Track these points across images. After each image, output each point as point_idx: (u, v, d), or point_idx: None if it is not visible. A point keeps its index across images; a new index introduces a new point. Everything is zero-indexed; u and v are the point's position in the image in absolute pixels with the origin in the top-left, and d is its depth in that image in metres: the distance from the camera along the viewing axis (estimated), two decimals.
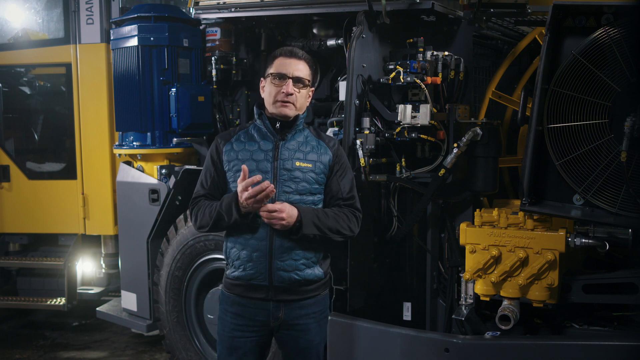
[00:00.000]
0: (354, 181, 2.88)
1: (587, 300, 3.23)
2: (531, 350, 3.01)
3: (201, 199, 2.77)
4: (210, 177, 2.78)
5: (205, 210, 2.70)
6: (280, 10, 4.07)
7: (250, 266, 2.69)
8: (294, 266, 2.70)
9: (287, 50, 2.76)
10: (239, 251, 2.71)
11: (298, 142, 2.77)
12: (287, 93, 2.67)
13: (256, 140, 2.74)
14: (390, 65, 3.49)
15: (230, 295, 2.78)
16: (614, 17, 2.95)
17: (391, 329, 3.30)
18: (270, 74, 2.72)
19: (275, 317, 2.73)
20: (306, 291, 2.76)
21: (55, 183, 5.47)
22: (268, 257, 2.67)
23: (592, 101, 2.98)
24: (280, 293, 2.71)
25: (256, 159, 2.70)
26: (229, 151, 2.74)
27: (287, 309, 2.73)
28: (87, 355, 5.31)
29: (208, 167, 2.80)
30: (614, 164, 2.94)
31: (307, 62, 2.76)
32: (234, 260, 2.73)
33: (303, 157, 2.73)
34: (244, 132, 2.80)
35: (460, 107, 3.55)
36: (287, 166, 2.70)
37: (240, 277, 2.72)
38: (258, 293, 2.72)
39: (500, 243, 3.15)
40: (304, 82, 2.72)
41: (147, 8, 4.59)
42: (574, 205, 3.09)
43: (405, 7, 3.50)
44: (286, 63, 2.70)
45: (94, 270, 5.65)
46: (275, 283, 2.69)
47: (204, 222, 2.71)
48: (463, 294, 3.40)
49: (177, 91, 4.48)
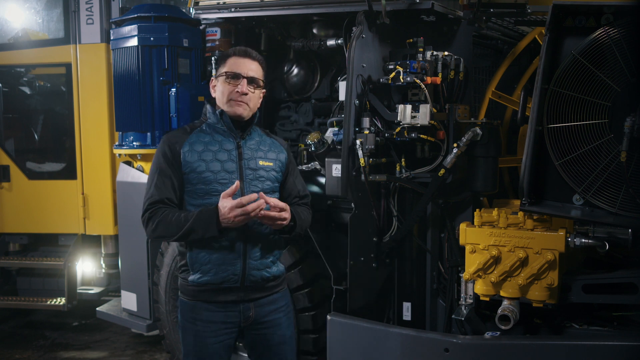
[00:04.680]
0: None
1: (587, 300, 3.23)
2: (531, 350, 3.02)
3: (159, 206, 2.59)
4: (168, 180, 2.62)
5: (170, 220, 2.54)
6: (280, 10, 4.07)
7: (222, 269, 2.63)
8: (265, 264, 2.72)
9: (241, 50, 2.73)
10: (209, 255, 2.62)
11: (256, 141, 2.78)
12: (242, 92, 2.65)
13: (217, 140, 2.68)
14: (390, 65, 3.49)
15: (196, 303, 2.67)
16: (613, 17, 2.95)
17: (391, 329, 3.31)
18: (224, 73, 2.68)
19: (246, 317, 2.71)
20: (273, 287, 2.78)
21: (55, 183, 5.47)
22: (242, 258, 2.65)
23: (592, 101, 2.98)
24: (251, 292, 2.70)
25: (220, 159, 2.65)
26: (188, 152, 2.63)
27: (257, 308, 2.73)
28: (87, 355, 5.31)
29: (163, 170, 2.63)
30: (613, 164, 2.94)
31: (260, 63, 2.75)
32: (202, 264, 2.63)
33: (264, 156, 2.76)
34: (198, 131, 2.70)
35: (460, 107, 3.55)
36: (252, 165, 2.70)
37: (210, 281, 2.63)
38: (228, 296, 2.67)
39: (500, 243, 3.15)
40: (257, 82, 2.71)
41: (147, 8, 4.58)
42: (574, 205, 3.09)
43: (405, 7, 3.50)
44: (240, 63, 2.68)
45: (94, 270, 5.67)
46: (247, 283, 2.68)
47: (167, 233, 2.56)
48: (463, 294, 3.40)
49: (177, 91, 4.47)
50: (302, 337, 4.06)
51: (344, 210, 3.84)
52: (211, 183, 2.62)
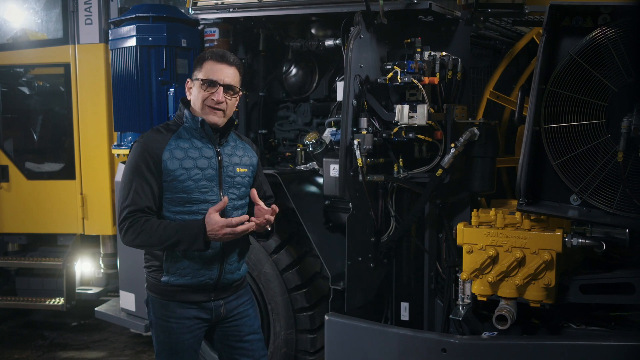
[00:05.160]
0: None
1: (585, 300, 3.24)
2: (528, 350, 3.02)
3: (138, 215, 2.52)
4: (148, 187, 2.54)
5: (152, 231, 2.49)
6: (278, 10, 4.07)
7: (200, 273, 2.64)
8: (236, 267, 2.77)
9: (218, 54, 2.66)
10: (188, 260, 2.61)
11: (232, 147, 2.77)
12: (218, 101, 2.61)
13: (196, 147, 2.63)
14: (387, 66, 3.48)
15: (169, 302, 2.66)
16: (610, 17, 2.96)
17: (388, 329, 3.31)
18: (200, 79, 2.62)
19: (218, 313, 2.75)
20: (238, 285, 2.84)
21: (54, 183, 5.48)
22: (220, 263, 2.68)
23: (589, 101, 2.98)
24: (221, 293, 2.75)
25: (201, 166, 2.61)
26: (170, 160, 2.56)
27: (226, 304, 2.77)
28: (85, 355, 5.32)
29: (142, 176, 2.54)
30: (610, 164, 2.94)
31: (238, 67, 2.68)
32: (179, 268, 2.62)
33: (240, 162, 2.75)
34: (175, 137, 2.63)
35: (458, 107, 3.55)
36: (230, 173, 2.70)
37: (185, 284, 2.63)
38: (201, 296, 2.69)
39: (497, 243, 3.15)
40: (234, 89, 2.66)
41: (145, 8, 4.58)
42: (571, 206, 3.10)
43: (403, 8, 3.50)
44: (216, 69, 2.61)
45: (93, 270, 5.67)
46: (220, 285, 2.71)
47: (149, 243, 2.53)
48: (460, 294, 3.40)
49: (176, 91, 4.46)
50: (300, 337, 4.06)
51: (342, 210, 3.84)
52: (193, 192, 2.59)
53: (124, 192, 2.57)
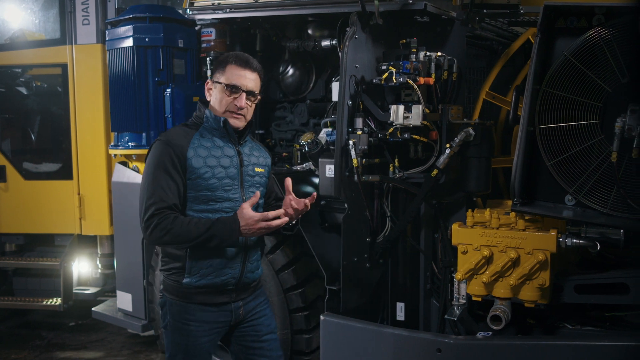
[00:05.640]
0: None
1: (579, 300, 3.23)
2: (522, 350, 3.02)
3: (167, 212, 2.49)
4: (174, 185, 2.54)
5: (183, 229, 2.48)
6: (275, 11, 4.07)
7: (223, 272, 2.64)
8: (256, 266, 2.79)
9: (242, 59, 2.67)
10: (211, 260, 2.61)
11: (249, 147, 2.80)
12: (240, 107, 2.63)
13: (218, 146, 2.65)
14: (382, 66, 3.48)
15: (189, 305, 2.65)
16: (605, 18, 2.96)
17: (384, 329, 3.31)
18: (223, 84, 2.63)
19: (237, 315, 2.76)
20: (255, 286, 2.85)
21: (51, 183, 5.49)
22: (242, 262, 2.69)
23: (583, 102, 2.98)
24: (241, 293, 2.75)
25: (224, 165, 2.63)
26: (194, 158, 2.57)
27: (245, 305, 2.78)
28: (83, 355, 5.32)
29: (167, 173, 2.53)
30: (605, 165, 2.95)
31: (259, 73, 2.71)
32: (202, 268, 2.61)
33: (257, 162, 2.78)
34: (198, 135, 2.64)
35: (453, 108, 3.55)
36: (250, 172, 2.73)
37: (208, 284, 2.63)
38: (223, 297, 2.69)
39: (491, 243, 3.15)
40: (255, 95, 2.69)
41: (142, 9, 4.59)
42: (566, 206, 3.10)
43: (398, 8, 3.51)
44: (240, 74, 2.63)
45: (91, 270, 5.68)
46: (240, 285, 2.72)
47: (179, 241, 2.50)
48: (456, 294, 3.40)
49: (172, 92, 4.48)
50: (295, 337, 4.07)
51: (338, 211, 3.84)
52: (216, 190, 2.61)
53: (148, 189, 2.53)
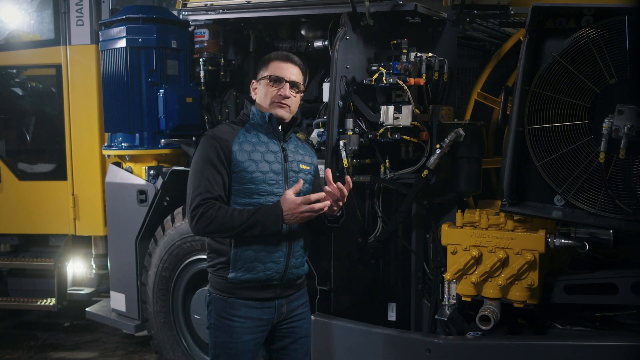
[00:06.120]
0: None
1: (569, 300, 3.24)
2: (511, 350, 3.03)
3: (212, 202, 2.55)
4: (219, 177, 2.59)
5: (227, 216, 2.52)
6: (267, 12, 4.08)
7: (268, 267, 2.64)
8: (301, 262, 2.77)
9: (283, 55, 2.76)
10: (255, 253, 2.62)
11: (295, 145, 2.81)
12: (285, 96, 2.69)
13: (263, 141, 2.69)
14: (373, 67, 3.50)
15: (234, 300, 2.66)
16: (593, 19, 2.97)
17: (374, 329, 3.32)
18: (267, 76, 2.71)
19: (280, 312, 2.74)
20: (300, 284, 2.84)
21: (45, 184, 5.49)
22: (287, 256, 2.68)
23: (572, 102, 2.99)
24: (286, 289, 2.74)
25: (268, 160, 2.66)
26: (239, 151, 2.62)
27: (288, 303, 2.77)
28: (77, 355, 5.32)
29: (214, 166, 2.59)
30: (593, 165, 2.96)
31: (301, 68, 2.78)
32: (246, 262, 2.62)
33: (302, 160, 2.79)
34: (243, 131, 2.70)
35: (444, 108, 3.56)
36: (294, 168, 2.74)
37: (253, 279, 2.63)
38: (268, 292, 2.68)
39: (481, 244, 3.16)
40: (299, 86, 2.75)
41: (135, 10, 4.61)
42: (555, 206, 3.11)
43: (389, 9, 3.52)
44: (282, 67, 2.71)
45: (85, 270, 5.67)
46: (285, 280, 2.71)
47: (224, 229, 2.53)
48: (446, 295, 3.40)
49: (165, 92, 4.50)
50: None
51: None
52: (260, 183, 2.63)
53: (195, 181, 2.60)
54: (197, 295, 4.22)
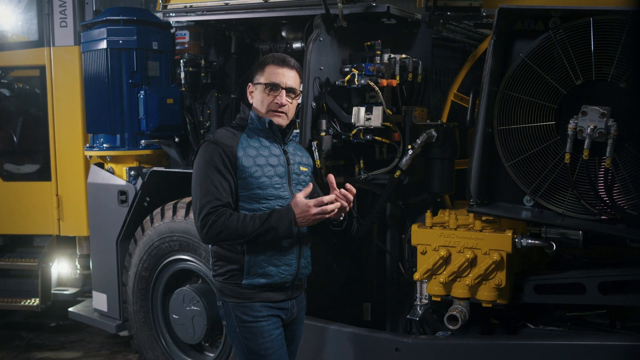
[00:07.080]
0: None
1: (539, 300, 3.26)
2: (480, 350, 3.05)
3: (222, 209, 2.51)
4: (227, 184, 2.55)
5: (239, 223, 2.49)
6: (245, 13, 4.10)
7: (282, 270, 2.62)
8: (308, 262, 2.77)
9: (279, 58, 2.70)
10: (268, 257, 2.59)
11: (293, 147, 2.82)
12: (281, 104, 2.66)
13: (265, 145, 2.66)
14: (346, 68, 3.52)
15: (254, 304, 2.61)
16: (561, 21, 2.99)
17: (344, 329, 3.34)
18: (263, 83, 2.66)
19: (291, 314, 2.74)
20: (303, 285, 2.83)
21: (30, 185, 5.49)
22: (298, 258, 2.68)
23: (540, 103, 3.01)
24: (295, 291, 2.74)
25: (272, 164, 2.63)
26: (244, 157, 2.58)
27: (297, 304, 2.77)
28: (61, 355, 5.34)
29: (219, 172, 2.55)
30: (560, 166, 2.98)
31: (298, 70, 2.74)
32: (260, 267, 2.58)
33: (301, 161, 2.79)
34: (245, 136, 2.66)
35: (417, 109, 3.58)
36: (296, 170, 2.74)
37: (268, 283, 2.60)
38: (281, 295, 2.66)
39: (449, 244, 3.18)
40: (295, 92, 2.71)
41: (116, 11, 4.63)
42: (524, 207, 3.13)
43: (362, 11, 3.54)
44: (278, 72, 2.66)
45: (70, 271, 5.68)
46: (296, 282, 2.70)
47: (235, 235, 2.50)
48: (418, 295, 3.43)
49: (146, 93, 4.51)
50: None
51: None
52: (267, 188, 2.61)
53: (202, 188, 2.54)
54: (175, 295, 4.22)
